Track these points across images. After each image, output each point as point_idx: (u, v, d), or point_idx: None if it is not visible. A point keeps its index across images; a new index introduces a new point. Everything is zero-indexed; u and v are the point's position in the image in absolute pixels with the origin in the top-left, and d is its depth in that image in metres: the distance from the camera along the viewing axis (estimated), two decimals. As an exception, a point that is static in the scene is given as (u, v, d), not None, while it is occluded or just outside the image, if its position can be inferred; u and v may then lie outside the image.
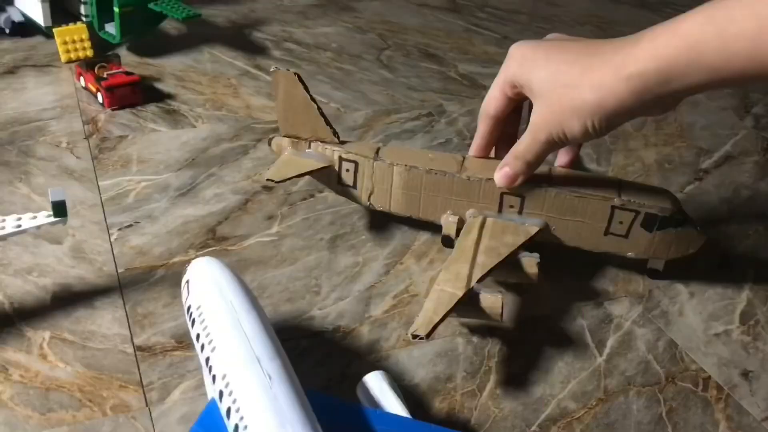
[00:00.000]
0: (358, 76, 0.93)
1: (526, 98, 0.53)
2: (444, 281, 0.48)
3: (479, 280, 0.49)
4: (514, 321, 0.54)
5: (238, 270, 0.55)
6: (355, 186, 0.59)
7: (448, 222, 0.58)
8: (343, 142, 0.59)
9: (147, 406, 0.44)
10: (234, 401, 0.35)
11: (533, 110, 0.50)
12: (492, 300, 0.49)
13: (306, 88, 0.56)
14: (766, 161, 0.82)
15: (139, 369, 0.47)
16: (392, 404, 0.41)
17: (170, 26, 1.02)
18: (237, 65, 0.93)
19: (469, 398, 0.47)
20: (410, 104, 0.87)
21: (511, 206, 0.56)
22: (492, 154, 0.59)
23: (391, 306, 0.54)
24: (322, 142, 0.59)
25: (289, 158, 0.59)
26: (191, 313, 0.42)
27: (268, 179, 0.56)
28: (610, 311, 0.56)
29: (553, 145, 0.50)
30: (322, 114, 0.57)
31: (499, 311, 0.48)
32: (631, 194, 0.55)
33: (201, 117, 0.79)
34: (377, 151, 0.59)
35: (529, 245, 0.54)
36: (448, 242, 0.58)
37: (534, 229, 0.55)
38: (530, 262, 0.53)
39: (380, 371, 0.43)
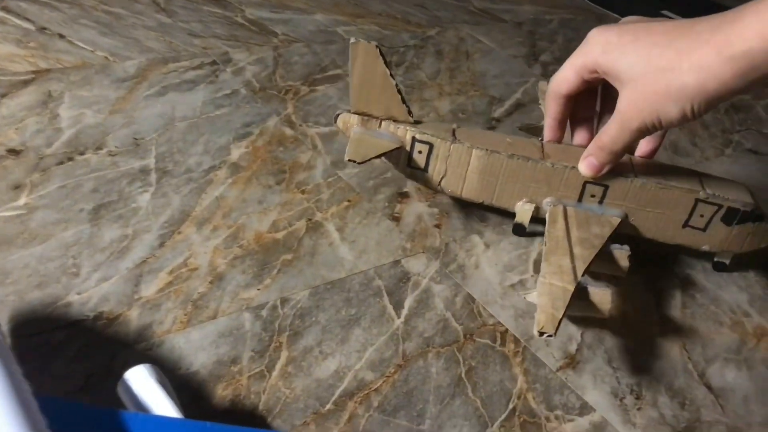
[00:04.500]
0: (130, 21, 0.83)
1: (600, 81, 0.50)
2: (550, 274, 0.46)
3: (583, 274, 0.47)
4: (308, 287, 0.50)
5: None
6: (426, 169, 0.56)
7: (523, 209, 0.56)
8: (416, 122, 0.55)
9: None
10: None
11: (620, 98, 0.47)
12: (601, 295, 0.48)
13: (386, 63, 0.51)
14: (553, 108, 0.83)
15: None
16: (160, 402, 0.35)
17: None
18: (-21, 7, 0.78)
19: (256, 381, 0.42)
20: (191, 52, 0.78)
21: (593, 195, 0.54)
22: (566, 135, 0.57)
23: (166, 283, 0.48)
24: (394, 121, 0.55)
25: (362, 137, 0.55)
26: None
27: (350, 160, 0.51)
28: (408, 269, 0.53)
29: (644, 132, 0.48)
30: (400, 91, 0.53)
31: (608, 306, 0.48)
32: (713, 187, 0.54)
33: (-71, 68, 0.65)
34: (453, 132, 0.55)
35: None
36: (521, 230, 0.57)
37: (616, 220, 0.53)
38: (622, 255, 0.51)
39: (145, 364, 0.36)
